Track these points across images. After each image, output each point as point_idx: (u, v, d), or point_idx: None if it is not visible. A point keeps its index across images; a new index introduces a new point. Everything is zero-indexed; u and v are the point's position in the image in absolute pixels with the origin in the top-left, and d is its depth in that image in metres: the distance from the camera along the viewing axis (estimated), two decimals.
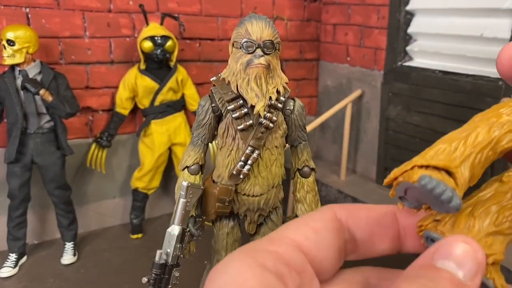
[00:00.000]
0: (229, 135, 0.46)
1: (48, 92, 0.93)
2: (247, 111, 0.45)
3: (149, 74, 1.10)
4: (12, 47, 0.91)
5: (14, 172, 0.96)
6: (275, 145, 0.47)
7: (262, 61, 0.44)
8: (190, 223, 0.47)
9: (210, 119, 0.47)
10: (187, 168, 0.47)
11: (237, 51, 0.45)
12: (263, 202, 0.48)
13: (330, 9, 1.37)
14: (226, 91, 0.45)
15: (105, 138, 1.13)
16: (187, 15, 1.20)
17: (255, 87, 0.44)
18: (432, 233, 0.21)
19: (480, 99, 0.85)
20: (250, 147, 0.45)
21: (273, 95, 0.45)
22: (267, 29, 0.45)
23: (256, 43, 0.44)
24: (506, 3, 0.78)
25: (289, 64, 1.39)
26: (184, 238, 0.45)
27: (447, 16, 0.88)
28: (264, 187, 0.47)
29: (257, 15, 0.46)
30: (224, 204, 0.47)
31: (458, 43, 0.88)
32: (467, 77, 0.88)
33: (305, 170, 0.50)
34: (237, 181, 0.46)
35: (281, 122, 0.47)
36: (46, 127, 0.98)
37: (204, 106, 0.47)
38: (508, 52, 0.33)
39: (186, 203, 0.45)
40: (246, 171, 0.46)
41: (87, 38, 1.10)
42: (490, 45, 0.83)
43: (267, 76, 0.45)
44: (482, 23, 0.83)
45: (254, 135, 0.45)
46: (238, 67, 0.45)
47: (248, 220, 0.49)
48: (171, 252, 0.44)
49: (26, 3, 1.01)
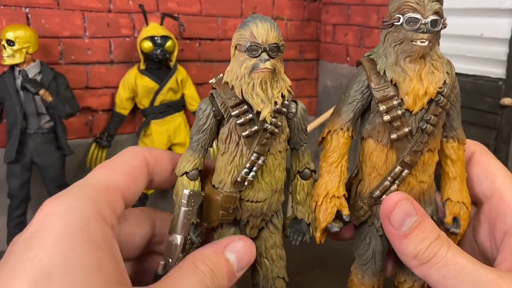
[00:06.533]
0: (232, 141, 0.45)
1: (48, 92, 0.93)
2: (252, 117, 0.43)
3: (149, 74, 1.10)
4: (12, 47, 0.91)
5: (14, 172, 0.96)
6: (279, 149, 0.46)
7: (268, 66, 0.43)
8: (191, 230, 0.46)
9: (211, 124, 0.45)
10: (186, 174, 0.46)
11: (240, 54, 0.43)
12: (266, 207, 0.47)
13: (330, 9, 1.37)
14: (230, 96, 0.43)
15: (105, 138, 1.13)
16: (187, 15, 1.20)
17: (261, 92, 0.43)
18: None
19: (480, 99, 0.85)
20: (255, 154, 0.44)
21: (278, 99, 0.44)
22: (273, 32, 0.43)
23: (262, 47, 0.42)
24: (506, 3, 0.78)
25: (289, 64, 1.39)
26: (185, 247, 0.44)
27: (447, 16, 0.88)
28: (268, 193, 0.46)
29: (261, 16, 0.44)
30: (228, 212, 0.46)
31: (458, 43, 0.88)
32: (467, 77, 0.88)
33: (305, 172, 0.49)
34: (241, 188, 0.45)
35: (284, 126, 0.46)
36: (46, 127, 0.98)
37: (205, 110, 0.45)
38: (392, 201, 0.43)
39: (188, 212, 0.44)
40: (251, 178, 0.44)
41: (87, 38, 1.10)
42: (490, 45, 0.83)
43: (272, 80, 0.44)
44: (482, 23, 0.83)
45: (259, 141, 0.44)
46: (242, 71, 0.43)
47: (250, 225, 0.48)
48: (173, 262, 0.43)
49: (25, 3, 1.01)
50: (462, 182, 0.48)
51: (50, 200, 0.35)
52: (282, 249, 0.53)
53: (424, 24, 0.43)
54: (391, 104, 0.44)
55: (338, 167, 0.47)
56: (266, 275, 0.52)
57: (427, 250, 0.40)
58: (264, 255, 0.52)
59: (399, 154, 0.45)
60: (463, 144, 0.48)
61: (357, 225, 0.51)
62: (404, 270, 0.52)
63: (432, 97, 0.44)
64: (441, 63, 0.44)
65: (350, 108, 0.47)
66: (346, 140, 0.47)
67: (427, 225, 0.41)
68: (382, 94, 0.44)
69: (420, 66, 0.44)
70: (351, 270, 0.54)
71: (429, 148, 0.46)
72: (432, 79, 0.43)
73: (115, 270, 0.33)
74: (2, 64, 0.92)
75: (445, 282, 0.39)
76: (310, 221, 0.50)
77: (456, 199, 0.47)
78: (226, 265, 0.42)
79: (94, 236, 0.33)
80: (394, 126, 0.44)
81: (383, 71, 0.44)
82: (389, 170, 0.46)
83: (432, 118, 0.44)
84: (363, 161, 0.48)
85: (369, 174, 0.48)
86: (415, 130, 0.45)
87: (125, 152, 0.45)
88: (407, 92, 0.43)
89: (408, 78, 0.43)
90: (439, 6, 0.44)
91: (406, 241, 0.41)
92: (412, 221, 0.41)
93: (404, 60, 0.44)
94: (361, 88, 0.46)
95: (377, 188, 0.46)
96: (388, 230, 0.42)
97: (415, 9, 0.43)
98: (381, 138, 0.46)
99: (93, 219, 0.34)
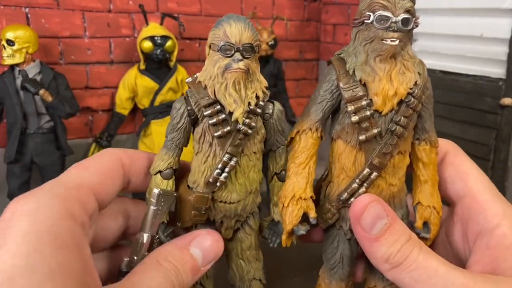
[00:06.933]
0: (205, 141, 0.44)
1: (48, 92, 0.93)
2: (225, 117, 0.43)
3: (149, 74, 1.10)
4: (12, 47, 0.91)
5: (14, 172, 0.96)
6: (253, 151, 0.45)
7: (241, 66, 0.42)
8: (160, 230, 0.45)
9: (185, 123, 0.44)
10: (160, 172, 0.45)
11: (214, 53, 0.43)
12: (240, 208, 0.46)
13: (330, 9, 1.37)
14: (203, 96, 0.43)
15: (104, 138, 1.13)
16: (187, 15, 1.20)
17: (234, 93, 0.42)
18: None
19: (480, 99, 0.85)
20: (228, 154, 0.43)
21: (252, 100, 0.43)
22: (247, 32, 0.42)
23: (235, 47, 0.42)
24: (506, 3, 0.78)
25: (288, 64, 1.39)
26: (153, 246, 0.43)
27: (447, 16, 0.88)
28: (242, 194, 0.46)
29: (235, 15, 0.43)
30: (200, 213, 0.45)
31: (458, 43, 0.88)
32: (467, 77, 0.88)
33: (282, 174, 0.48)
34: (214, 189, 0.45)
35: (259, 127, 0.45)
36: (46, 127, 0.98)
37: (179, 109, 0.44)
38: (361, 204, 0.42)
39: (157, 211, 0.43)
40: (223, 179, 0.44)
41: (87, 38, 1.10)
42: (490, 45, 0.83)
43: (246, 81, 0.43)
44: (482, 23, 0.83)
45: (232, 142, 0.43)
46: (215, 71, 0.43)
47: (224, 226, 0.48)
48: (138, 260, 0.42)
49: (25, 3, 1.01)
50: (434, 186, 0.47)
51: (18, 198, 0.34)
52: (258, 251, 0.52)
53: (394, 22, 0.41)
54: (360, 104, 0.43)
55: (305, 168, 0.45)
56: (242, 276, 0.51)
57: (398, 253, 0.39)
58: (240, 256, 0.51)
59: (367, 156, 0.44)
60: (435, 147, 0.47)
61: (325, 228, 0.50)
62: (375, 275, 0.51)
63: (402, 98, 0.42)
64: (412, 63, 0.43)
65: (319, 108, 0.46)
66: (314, 141, 0.46)
67: (398, 227, 0.40)
68: (351, 94, 0.43)
69: (390, 66, 0.42)
70: (319, 274, 0.52)
71: (399, 150, 0.45)
72: (402, 79, 0.42)
73: (83, 271, 0.33)
74: (2, 64, 0.92)
75: (417, 286, 0.38)
76: None
77: (427, 204, 0.46)
78: (191, 260, 0.41)
79: (62, 236, 0.32)
80: (363, 127, 0.43)
81: (352, 71, 0.43)
82: (357, 172, 0.45)
83: (402, 119, 0.43)
84: (333, 163, 0.47)
85: (338, 176, 0.47)
86: (384, 132, 0.43)
87: (99, 153, 0.45)
88: (377, 92, 0.42)
89: (378, 78, 0.42)
90: (411, 4, 0.43)
91: (377, 244, 0.40)
92: (383, 224, 0.40)
93: (374, 59, 0.43)
94: (331, 87, 0.45)
95: (345, 190, 0.45)
96: (359, 233, 0.41)
97: (386, 7, 0.42)
98: (350, 139, 0.45)
99: (62, 218, 0.34)
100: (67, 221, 0.34)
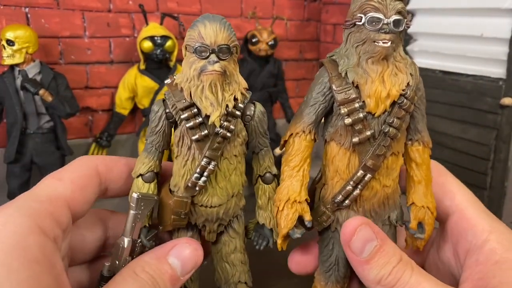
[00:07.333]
0: (184, 144, 0.44)
1: (47, 92, 0.93)
2: (202, 121, 0.42)
3: (149, 74, 1.10)
4: (12, 47, 0.91)
5: (14, 172, 0.96)
6: (234, 154, 0.45)
7: (217, 68, 0.41)
8: (142, 234, 0.44)
9: (163, 126, 0.44)
10: (141, 176, 0.45)
11: (190, 55, 0.42)
12: (222, 212, 0.46)
13: (330, 9, 1.37)
14: (179, 98, 0.42)
15: (104, 138, 1.13)
16: (187, 15, 1.20)
17: (210, 95, 0.41)
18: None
19: (480, 99, 0.85)
20: (206, 158, 0.43)
21: (230, 103, 0.42)
22: (222, 32, 0.41)
23: (210, 48, 0.41)
24: (506, 3, 0.78)
25: (288, 64, 1.39)
26: (135, 250, 0.43)
27: (447, 16, 0.88)
28: (223, 198, 0.45)
29: (211, 15, 0.42)
30: (180, 217, 0.45)
31: (458, 43, 0.88)
32: (467, 77, 0.88)
33: (267, 176, 0.48)
34: (193, 193, 0.44)
35: (240, 130, 0.44)
36: (46, 127, 0.98)
37: (158, 112, 0.43)
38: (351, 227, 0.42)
39: (137, 215, 0.42)
40: (202, 183, 0.43)
41: (86, 38, 1.10)
42: (490, 45, 0.83)
43: (223, 83, 0.42)
44: (482, 23, 0.83)
45: (210, 145, 0.42)
46: (191, 73, 0.41)
47: (207, 230, 0.47)
48: (119, 265, 0.42)
49: (25, 3, 1.01)
50: (427, 186, 0.47)
51: None
52: (243, 254, 0.51)
53: (386, 24, 0.41)
54: (353, 106, 0.43)
55: (300, 171, 0.45)
56: (228, 279, 0.51)
57: (390, 275, 0.39)
58: (224, 259, 0.50)
59: (361, 158, 0.44)
60: (428, 147, 0.47)
61: (321, 231, 0.49)
62: None
63: (395, 99, 0.42)
64: (404, 64, 0.43)
65: (312, 111, 0.45)
66: (308, 143, 0.46)
67: (388, 249, 0.40)
68: (344, 97, 0.43)
69: (382, 67, 0.42)
70: (315, 276, 0.52)
71: (393, 151, 0.45)
72: (395, 81, 0.42)
73: (55, 285, 0.32)
74: (2, 64, 0.92)
75: None
76: (271, 226, 0.49)
77: (421, 204, 0.46)
78: (169, 271, 0.41)
79: (32, 250, 0.32)
80: (356, 129, 0.43)
81: (345, 73, 0.43)
82: (351, 175, 0.45)
83: (395, 121, 0.43)
84: (326, 165, 0.47)
85: (332, 178, 0.46)
86: (377, 134, 0.44)
87: (74, 162, 0.44)
88: (369, 94, 0.42)
89: (370, 80, 0.42)
90: (402, 6, 0.43)
91: (368, 267, 0.40)
92: (373, 246, 0.40)
93: (366, 61, 0.43)
94: (323, 90, 0.45)
95: (339, 193, 0.45)
96: (350, 256, 0.41)
97: (377, 9, 0.41)
98: (343, 142, 0.45)
99: (31, 233, 0.33)
100: (36, 236, 0.34)
